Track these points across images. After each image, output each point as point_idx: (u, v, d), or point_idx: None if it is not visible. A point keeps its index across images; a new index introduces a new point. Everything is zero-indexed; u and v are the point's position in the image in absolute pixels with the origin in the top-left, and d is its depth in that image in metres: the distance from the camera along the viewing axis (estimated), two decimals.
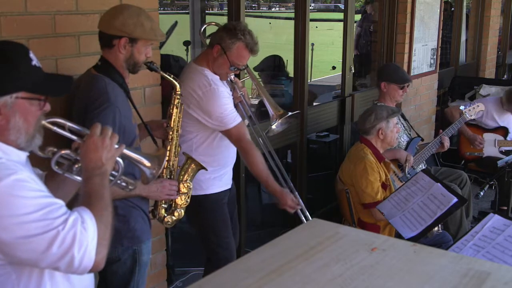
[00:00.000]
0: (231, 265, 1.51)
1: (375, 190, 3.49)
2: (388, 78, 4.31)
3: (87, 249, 1.49)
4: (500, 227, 2.29)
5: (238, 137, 2.87)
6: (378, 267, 1.41)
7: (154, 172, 1.85)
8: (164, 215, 2.56)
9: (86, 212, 1.55)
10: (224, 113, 2.83)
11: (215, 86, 2.85)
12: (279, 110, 3.04)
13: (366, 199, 3.49)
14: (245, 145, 2.89)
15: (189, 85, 2.84)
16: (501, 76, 8.75)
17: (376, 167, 3.55)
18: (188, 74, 2.93)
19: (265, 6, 37.43)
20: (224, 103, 2.85)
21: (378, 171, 3.56)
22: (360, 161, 3.55)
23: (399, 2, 5.30)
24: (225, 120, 2.84)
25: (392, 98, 4.32)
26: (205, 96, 2.83)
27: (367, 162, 3.53)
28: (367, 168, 3.51)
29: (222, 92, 2.87)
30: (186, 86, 2.77)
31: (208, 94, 2.83)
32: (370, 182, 3.50)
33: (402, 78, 4.34)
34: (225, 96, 2.89)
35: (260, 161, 2.90)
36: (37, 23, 2.36)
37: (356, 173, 3.55)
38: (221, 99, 2.84)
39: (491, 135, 5.25)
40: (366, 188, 3.50)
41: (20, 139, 1.58)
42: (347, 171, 3.67)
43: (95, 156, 1.65)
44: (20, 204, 1.45)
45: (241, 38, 2.84)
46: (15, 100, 1.54)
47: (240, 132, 2.87)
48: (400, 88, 4.31)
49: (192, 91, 2.83)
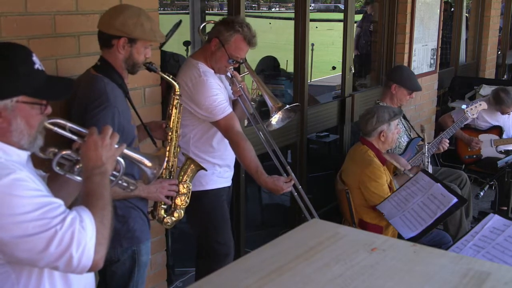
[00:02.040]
0: (231, 265, 1.51)
1: (385, 192, 3.50)
2: (401, 82, 4.30)
3: (85, 248, 1.49)
4: (500, 227, 2.29)
5: (227, 128, 2.83)
6: (378, 267, 1.41)
7: (155, 172, 1.85)
8: (163, 216, 2.56)
9: (84, 211, 1.54)
10: (213, 104, 2.82)
11: (205, 77, 2.85)
12: (277, 103, 3.02)
13: (377, 200, 3.48)
14: (234, 136, 2.85)
15: (182, 78, 2.86)
16: (501, 76, 8.75)
17: (382, 169, 3.56)
18: (183, 68, 2.96)
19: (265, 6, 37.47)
20: (213, 94, 2.83)
21: (384, 173, 3.57)
22: (367, 165, 3.54)
23: (399, 2, 5.30)
24: (214, 111, 2.82)
25: (398, 101, 4.33)
26: (194, 87, 2.84)
27: (375, 165, 3.53)
28: (376, 172, 3.51)
29: (211, 83, 2.85)
30: (180, 79, 2.78)
31: (198, 85, 2.84)
32: (380, 185, 3.50)
33: (415, 86, 4.38)
34: (215, 87, 2.87)
35: (249, 153, 2.84)
36: (37, 23, 2.36)
37: (364, 176, 3.54)
38: (210, 90, 2.83)
39: (486, 135, 5.25)
40: (376, 190, 3.50)
41: (23, 140, 1.58)
42: (352, 174, 3.65)
43: (95, 155, 1.65)
44: (18, 203, 1.45)
45: (239, 30, 2.85)
46: (15, 104, 1.54)
47: (229, 123, 2.84)
48: (408, 94, 4.33)
49: (184, 83, 2.84)
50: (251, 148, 2.86)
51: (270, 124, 3.05)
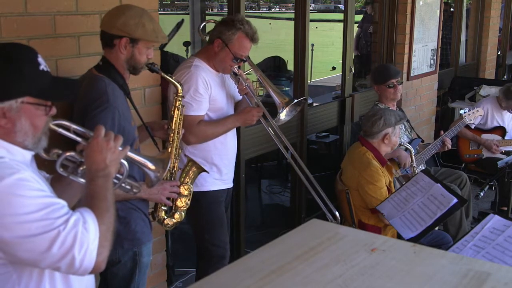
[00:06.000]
0: (231, 266, 1.51)
1: (383, 195, 3.49)
2: (376, 80, 4.31)
3: (88, 250, 1.48)
4: (500, 228, 2.29)
5: (186, 127, 2.72)
6: (378, 268, 1.42)
7: (158, 175, 1.84)
8: (164, 217, 2.56)
9: (88, 213, 1.54)
10: (188, 99, 2.78)
11: (195, 70, 2.84)
12: (284, 98, 3.01)
13: (375, 203, 3.48)
14: (188, 138, 2.83)
15: (176, 74, 2.85)
16: (501, 76, 8.75)
17: (381, 171, 3.55)
18: (179, 66, 2.96)
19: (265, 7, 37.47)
20: (192, 89, 2.80)
21: (383, 175, 3.56)
22: (365, 167, 3.53)
23: (399, 2, 5.30)
24: (187, 105, 2.75)
25: (388, 98, 4.27)
26: (182, 80, 2.79)
27: (373, 168, 3.52)
28: (374, 175, 3.50)
29: (196, 79, 2.82)
30: (176, 76, 2.74)
31: (185, 77, 2.82)
32: (378, 188, 3.50)
33: (386, 76, 4.24)
34: (198, 84, 2.82)
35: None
36: (37, 23, 2.36)
37: (362, 179, 3.53)
38: (191, 84, 2.80)
39: (489, 135, 5.24)
40: (374, 193, 3.49)
41: (27, 141, 1.58)
42: (351, 176, 3.65)
43: (99, 157, 1.64)
44: (21, 203, 1.45)
45: (240, 28, 2.85)
46: (20, 105, 1.54)
47: (189, 125, 2.78)
48: (388, 87, 4.23)
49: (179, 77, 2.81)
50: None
51: (279, 120, 3.05)
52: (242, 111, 2.99)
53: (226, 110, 3.01)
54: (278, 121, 3.04)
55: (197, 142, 2.90)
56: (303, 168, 3.23)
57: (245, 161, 3.77)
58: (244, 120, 2.99)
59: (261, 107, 2.97)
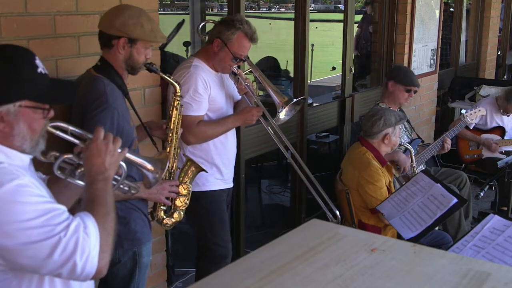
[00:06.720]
0: (231, 266, 1.51)
1: (383, 195, 3.49)
2: (397, 79, 4.26)
3: (89, 256, 1.47)
4: (500, 228, 2.28)
5: (186, 128, 2.75)
6: (378, 268, 1.41)
7: (157, 176, 1.83)
8: (163, 217, 2.56)
9: (88, 218, 1.53)
10: (188, 99, 2.79)
11: (194, 70, 2.84)
12: (284, 98, 3.01)
13: (375, 203, 3.48)
14: (187, 138, 2.84)
15: (176, 74, 2.85)
16: (501, 76, 8.75)
17: (380, 171, 3.55)
18: (179, 66, 2.96)
19: (265, 7, 37.48)
20: (192, 89, 2.81)
21: (383, 176, 3.56)
22: (365, 168, 3.53)
23: (399, 2, 5.30)
24: (186, 105, 2.76)
25: (396, 100, 4.26)
26: (181, 80, 2.80)
27: (373, 168, 3.52)
28: (374, 175, 3.50)
29: (196, 79, 2.83)
30: (175, 76, 2.74)
31: (184, 77, 2.82)
32: (377, 188, 3.50)
33: (411, 80, 4.27)
34: (198, 84, 2.83)
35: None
36: (37, 23, 2.36)
37: (361, 179, 3.53)
38: (191, 84, 2.81)
39: (488, 135, 5.24)
40: (374, 194, 3.49)
41: (25, 145, 1.56)
42: (351, 176, 3.65)
43: (99, 161, 1.62)
44: (21, 210, 1.43)
45: (240, 28, 2.85)
46: (18, 109, 1.52)
47: (189, 125, 2.80)
48: (406, 91, 4.26)
49: (178, 78, 2.81)
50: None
51: (279, 119, 3.05)
52: (242, 111, 3.00)
53: (226, 110, 3.01)
54: (278, 120, 3.04)
55: (197, 142, 2.91)
56: (304, 168, 3.23)
57: (245, 161, 3.77)
58: (244, 120, 2.99)
59: (261, 107, 2.97)
